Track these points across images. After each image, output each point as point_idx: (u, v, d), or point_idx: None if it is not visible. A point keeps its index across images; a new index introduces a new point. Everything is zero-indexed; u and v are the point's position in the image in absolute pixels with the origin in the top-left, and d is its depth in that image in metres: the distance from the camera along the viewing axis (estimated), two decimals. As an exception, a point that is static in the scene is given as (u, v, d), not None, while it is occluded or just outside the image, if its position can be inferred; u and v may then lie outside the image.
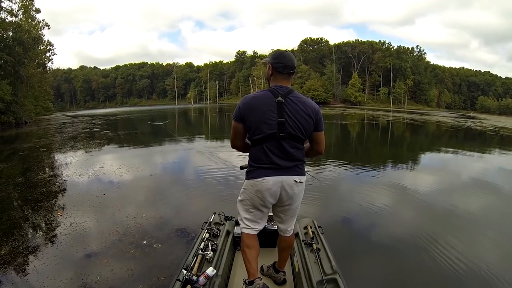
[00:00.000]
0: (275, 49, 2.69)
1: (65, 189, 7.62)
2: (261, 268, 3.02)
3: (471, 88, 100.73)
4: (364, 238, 5.05)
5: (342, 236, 5.09)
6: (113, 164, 10.12)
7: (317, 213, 5.82)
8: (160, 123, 25.60)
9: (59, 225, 5.29)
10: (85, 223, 5.34)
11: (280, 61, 2.41)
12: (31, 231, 5.25)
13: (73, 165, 10.11)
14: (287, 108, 2.33)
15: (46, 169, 10.01)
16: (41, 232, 5.17)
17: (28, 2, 36.28)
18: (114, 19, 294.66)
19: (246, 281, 2.56)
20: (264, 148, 2.37)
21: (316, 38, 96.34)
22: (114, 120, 34.35)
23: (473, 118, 49.70)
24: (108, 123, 30.65)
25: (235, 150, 2.68)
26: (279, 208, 2.60)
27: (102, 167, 9.71)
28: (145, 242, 4.59)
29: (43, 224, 5.47)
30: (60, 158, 11.86)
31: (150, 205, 6.37)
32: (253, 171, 2.45)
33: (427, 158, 13.34)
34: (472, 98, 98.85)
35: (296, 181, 2.45)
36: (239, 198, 2.62)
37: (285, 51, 2.48)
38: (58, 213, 5.86)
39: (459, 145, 17.07)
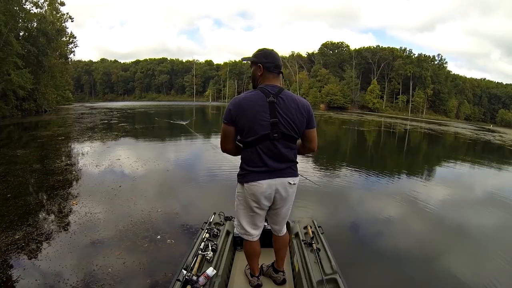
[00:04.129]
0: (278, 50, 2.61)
1: (81, 179, 7.67)
2: (261, 267, 2.99)
3: (492, 100, 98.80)
4: (367, 243, 4.99)
5: (344, 237, 5.09)
6: (129, 157, 10.17)
7: (321, 214, 5.86)
8: (183, 122, 25.26)
9: (74, 214, 5.31)
10: (100, 214, 5.35)
11: (271, 61, 2.39)
12: (45, 218, 5.28)
13: (90, 156, 10.21)
14: (279, 108, 2.30)
15: (63, 157, 10.12)
16: (55, 220, 5.19)
17: (54, -6, 37.15)
18: (133, 14, 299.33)
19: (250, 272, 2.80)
20: (257, 150, 2.34)
21: (337, 42, 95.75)
22: (132, 114, 34.65)
23: (493, 131, 48.67)
24: (126, 116, 30.93)
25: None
26: (273, 211, 2.60)
27: (119, 159, 9.76)
28: (159, 237, 4.58)
29: (58, 212, 5.50)
30: (77, 147, 11.99)
31: (166, 200, 6.36)
32: (246, 174, 2.42)
33: (441, 170, 12.92)
34: (493, 110, 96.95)
35: (290, 183, 2.45)
36: (235, 203, 2.61)
37: (272, 50, 2.45)
38: (74, 202, 5.88)
39: (476, 159, 16.66)
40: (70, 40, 43.71)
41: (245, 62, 2.58)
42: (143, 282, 3.53)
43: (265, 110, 2.27)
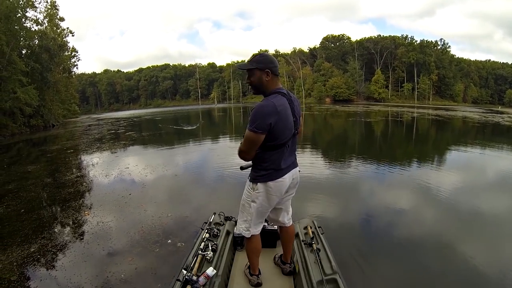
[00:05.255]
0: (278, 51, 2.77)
1: (92, 189, 7.81)
2: (274, 257, 3.27)
3: (499, 81, 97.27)
4: (368, 242, 4.84)
5: (344, 236, 4.98)
6: (138, 164, 10.28)
7: (322, 212, 5.80)
8: (192, 127, 25.06)
9: (86, 224, 5.42)
10: (112, 222, 5.45)
11: (275, 64, 2.48)
12: (59, 230, 5.38)
13: (99, 166, 10.34)
14: (294, 107, 2.52)
15: (73, 170, 10.24)
16: (68, 231, 5.29)
17: (53, 11, 37.61)
18: (132, 23, 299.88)
19: (249, 270, 2.91)
20: (285, 149, 2.51)
21: (338, 35, 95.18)
22: (139, 122, 34.80)
23: (501, 113, 47.83)
24: (133, 124, 31.09)
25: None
26: (283, 199, 2.77)
27: (128, 167, 9.87)
28: (169, 241, 4.65)
29: (71, 223, 5.60)
30: (86, 159, 12.13)
31: (176, 205, 6.44)
32: (271, 173, 2.53)
33: (451, 155, 12.68)
34: (500, 92, 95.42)
35: (299, 171, 2.75)
36: (253, 204, 2.65)
37: (269, 53, 2.61)
38: (85, 212, 5.99)
39: (486, 142, 16.37)
40: (73, 54, 44.25)
41: (242, 70, 2.63)
42: (155, 286, 3.60)
43: (290, 112, 2.47)
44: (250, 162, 2.64)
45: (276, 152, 2.47)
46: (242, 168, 2.76)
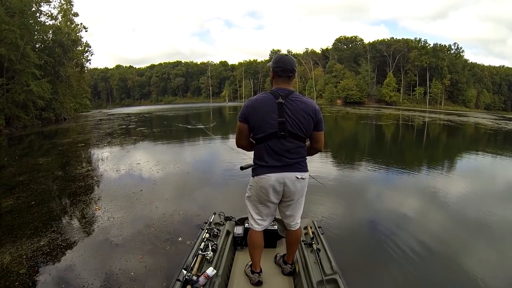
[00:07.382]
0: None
1: (102, 184, 7.79)
2: (275, 256, 3.29)
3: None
4: (368, 243, 4.80)
5: (349, 235, 4.96)
6: (149, 160, 10.26)
7: (322, 213, 5.70)
8: (203, 127, 24.40)
9: (97, 219, 5.39)
10: (122, 218, 5.42)
11: (279, 65, 2.57)
12: (69, 224, 5.36)
13: (110, 161, 10.35)
14: (287, 108, 2.49)
15: (84, 164, 10.28)
16: (79, 226, 5.27)
17: (67, 6, 37.99)
18: (143, 20, 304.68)
19: (251, 268, 2.94)
20: (266, 146, 2.55)
21: (350, 37, 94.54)
22: (149, 118, 34.94)
23: (515, 120, 47.29)
24: (144, 120, 31.24)
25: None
26: (283, 204, 2.78)
27: (139, 163, 9.85)
28: (180, 239, 4.60)
29: (81, 218, 5.58)
30: (97, 153, 12.17)
31: (187, 202, 6.40)
32: (257, 168, 2.64)
33: (461, 162, 12.48)
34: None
35: (297, 178, 2.61)
36: (246, 194, 2.84)
37: (285, 55, 2.66)
38: (96, 207, 5.96)
39: (498, 149, 16.01)
40: (86, 49, 44.65)
41: (269, 66, 2.75)
42: (164, 285, 3.54)
43: (274, 110, 2.49)
44: (250, 163, 2.77)
45: (259, 147, 2.59)
46: (242, 168, 2.85)
